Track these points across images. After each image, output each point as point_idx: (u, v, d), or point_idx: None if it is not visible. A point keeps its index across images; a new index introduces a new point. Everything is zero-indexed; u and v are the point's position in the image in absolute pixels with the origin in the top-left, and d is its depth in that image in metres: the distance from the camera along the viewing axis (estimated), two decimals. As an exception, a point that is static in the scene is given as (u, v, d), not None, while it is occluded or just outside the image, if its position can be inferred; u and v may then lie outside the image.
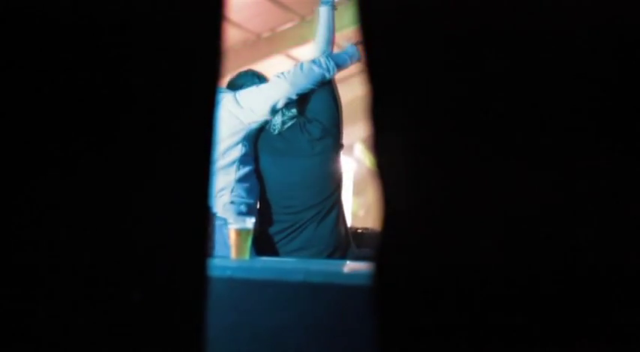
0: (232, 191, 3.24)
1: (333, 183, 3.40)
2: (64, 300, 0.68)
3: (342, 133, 3.50)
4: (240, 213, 3.22)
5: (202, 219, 0.78)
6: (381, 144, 0.77)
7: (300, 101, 3.45)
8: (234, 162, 3.27)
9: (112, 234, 0.70)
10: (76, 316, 0.68)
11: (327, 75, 3.41)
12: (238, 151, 3.29)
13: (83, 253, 0.69)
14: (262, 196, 3.34)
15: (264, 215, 3.32)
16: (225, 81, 3.57)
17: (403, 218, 0.75)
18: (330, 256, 3.34)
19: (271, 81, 3.41)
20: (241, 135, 3.30)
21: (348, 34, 3.57)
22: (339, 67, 3.46)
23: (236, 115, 3.29)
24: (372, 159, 0.78)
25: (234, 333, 1.89)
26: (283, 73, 3.39)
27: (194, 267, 0.77)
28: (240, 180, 3.27)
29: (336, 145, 3.46)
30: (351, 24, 0.78)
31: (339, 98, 3.53)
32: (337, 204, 3.40)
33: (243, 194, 3.27)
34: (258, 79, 3.55)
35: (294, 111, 3.43)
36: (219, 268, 2.03)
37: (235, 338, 1.88)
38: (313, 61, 3.42)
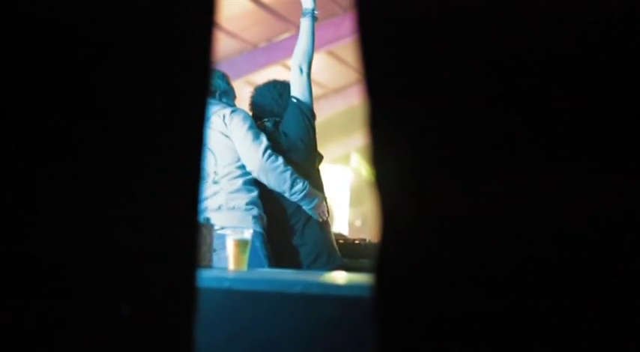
0: (257, 206, 3.37)
1: None
2: (52, 311, 0.67)
3: (311, 147, 3.56)
4: (264, 226, 3.37)
5: (191, 230, 0.78)
6: (379, 154, 0.77)
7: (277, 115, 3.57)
8: (252, 180, 3.40)
9: (101, 244, 0.70)
10: (64, 327, 0.68)
11: (285, 187, 3.42)
12: None
13: (71, 263, 0.68)
14: None
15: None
16: None
17: (402, 228, 0.75)
18: (313, 263, 3.39)
19: (249, 147, 3.40)
20: None
21: None
22: (304, 193, 3.44)
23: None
24: (369, 168, 0.78)
25: (232, 344, 1.88)
26: (264, 152, 3.38)
27: (183, 278, 0.76)
28: (259, 195, 3.41)
29: (306, 158, 3.51)
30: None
31: (310, 117, 3.56)
32: None
33: (263, 208, 3.41)
34: (225, 81, 3.62)
35: (269, 124, 3.53)
36: (218, 279, 2.02)
37: (233, 349, 1.87)
38: (290, 175, 3.42)
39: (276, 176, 3.35)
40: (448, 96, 0.72)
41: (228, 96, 3.60)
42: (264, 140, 3.38)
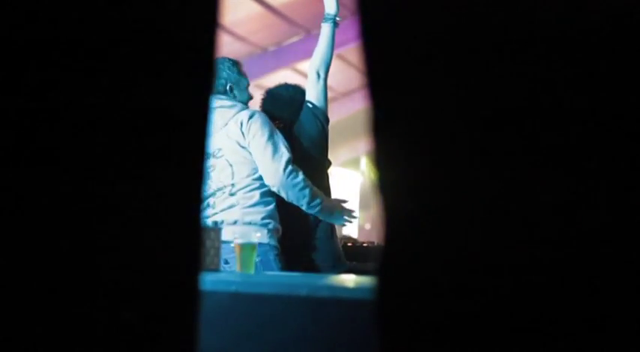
0: (274, 218, 3.29)
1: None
2: (52, 314, 0.67)
3: (323, 152, 3.56)
4: (279, 238, 3.29)
5: (194, 233, 0.78)
6: (382, 158, 0.78)
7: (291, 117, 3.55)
8: (269, 191, 3.29)
9: (101, 246, 0.70)
10: (64, 330, 0.68)
11: (303, 202, 3.29)
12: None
13: (71, 265, 0.68)
14: None
15: None
16: None
17: (404, 230, 0.75)
18: (320, 268, 3.40)
19: (270, 162, 3.25)
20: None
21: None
22: (321, 207, 3.34)
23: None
24: (373, 173, 0.78)
25: (238, 347, 1.88)
26: (285, 167, 3.24)
27: (186, 281, 0.77)
28: (275, 208, 3.33)
29: (318, 163, 3.51)
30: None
31: (324, 122, 3.56)
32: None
33: (278, 220, 3.33)
34: (236, 70, 3.47)
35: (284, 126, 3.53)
36: (225, 282, 2.03)
37: (240, 353, 1.88)
38: (309, 192, 3.30)
39: (296, 193, 3.25)
40: (450, 101, 0.72)
41: (239, 87, 3.47)
42: (285, 152, 3.28)
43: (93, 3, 0.70)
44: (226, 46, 7.45)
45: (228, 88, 3.43)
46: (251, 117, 3.31)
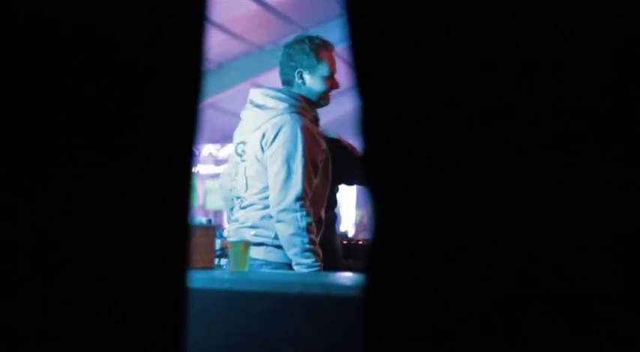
0: (274, 241, 2.86)
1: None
2: (41, 312, 0.68)
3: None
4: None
5: (183, 232, 0.78)
6: (370, 156, 0.78)
7: None
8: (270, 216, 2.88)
9: (90, 246, 0.70)
10: (53, 328, 0.68)
11: (290, 252, 2.72)
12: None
13: (60, 264, 0.68)
14: None
15: None
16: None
17: (393, 228, 0.75)
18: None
19: (279, 190, 2.78)
20: None
21: None
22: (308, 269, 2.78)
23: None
24: (363, 170, 0.78)
25: (231, 345, 1.88)
26: (294, 200, 2.75)
27: (173, 279, 0.77)
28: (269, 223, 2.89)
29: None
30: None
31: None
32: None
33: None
34: (318, 52, 2.94)
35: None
36: (218, 280, 2.03)
37: (233, 350, 1.88)
38: (301, 243, 2.70)
39: (287, 236, 2.73)
40: (437, 99, 0.72)
41: (314, 75, 2.94)
42: (297, 183, 2.77)
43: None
44: (223, 44, 7.44)
45: (297, 74, 2.94)
46: (278, 128, 2.82)
